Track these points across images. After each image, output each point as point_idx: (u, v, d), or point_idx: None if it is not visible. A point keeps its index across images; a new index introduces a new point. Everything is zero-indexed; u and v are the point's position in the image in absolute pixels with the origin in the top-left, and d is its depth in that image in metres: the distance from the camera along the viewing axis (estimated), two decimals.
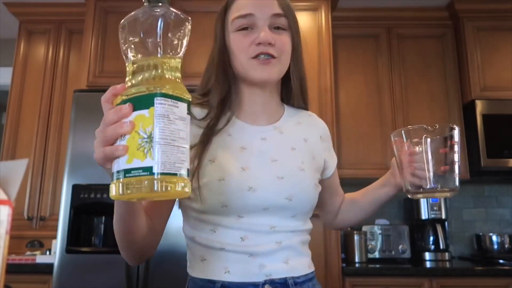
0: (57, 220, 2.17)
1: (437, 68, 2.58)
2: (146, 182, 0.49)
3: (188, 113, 0.54)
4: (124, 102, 0.53)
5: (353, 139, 2.47)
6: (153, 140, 0.50)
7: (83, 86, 2.29)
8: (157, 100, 0.50)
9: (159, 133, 0.50)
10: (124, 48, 0.55)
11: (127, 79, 0.55)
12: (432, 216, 2.44)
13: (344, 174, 2.39)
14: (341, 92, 2.54)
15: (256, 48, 0.80)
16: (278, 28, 0.83)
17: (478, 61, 2.50)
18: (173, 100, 0.51)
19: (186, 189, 0.52)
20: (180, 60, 0.56)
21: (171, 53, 0.54)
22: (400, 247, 2.44)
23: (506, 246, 2.40)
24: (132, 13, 0.54)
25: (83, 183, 1.92)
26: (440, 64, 2.58)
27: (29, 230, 2.36)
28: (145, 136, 0.50)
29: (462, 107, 2.50)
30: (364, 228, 2.47)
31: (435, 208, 2.44)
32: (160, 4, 0.54)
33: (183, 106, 0.53)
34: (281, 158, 0.82)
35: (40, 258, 2.09)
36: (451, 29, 2.63)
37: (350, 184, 2.64)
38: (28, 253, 2.20)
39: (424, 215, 2.46)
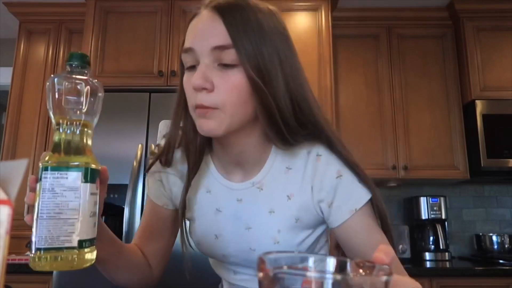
0: None
1: (437, 68, 2.58)
2: (32, 256, 0.52)
3: (85, 181, 0.53)
4: None
5: (353, 139, 2.47)
6: (37, 215, 0.51)
7: None
8: (43, 174, 0.52)
9: (41, 207, 0.51)
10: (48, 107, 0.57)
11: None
12: (432, 216, 2.44)
13: None
14: (341, 92, 2.54)
15: (194, 95, 0.63)
16: (226, 65, 0.62)
17: (478, 61, 2.50)
18: (60, 172, 0.52)
19: (76, 261, 0.53)
20: (90, 123, 0.57)
21: (79, 116, 0.55)
22: (400, 247, 2.44)
23: (506, 246, 2.40)
24: (56, 75, 0.56)
25: None
26: (440, 64, 2.58)
27: (29, 230, 2.34)
28: (35, 210, 0.52)
29: (462, 107, 2.50)
30: None
31: (435, 208, 2.44)
32: (80, 69, 0.56)
33: (75, 175, 0.52)
34: (256, 226, 0.72)
35: None
36: (451, 29, 2.63)
37: None
38: (28, 253, 2.19)
39: (424, 215, 2.46)
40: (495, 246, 2.41)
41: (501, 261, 2.21)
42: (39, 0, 2.60)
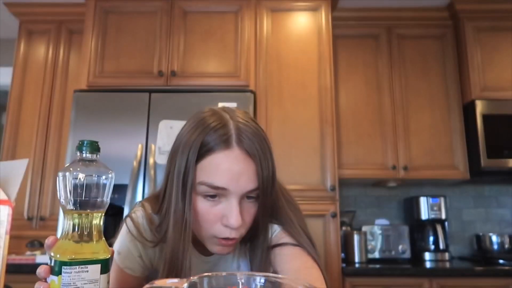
0: (57, 220, 2.17)
1: (437, 68, 2.58)
2: None
3: (102, 272, 0.55)
4: (50, 260, 0.55)
5: (353, 139, 2.47)
6: None
7: (83, 86, 2.29)
8: (64, 269, 0.52)
9: None
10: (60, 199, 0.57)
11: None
12: (432, 216, 2.44)
13: (344, 174, 2.40)
14: (341, 92, 2.54)
15: (222, 230, 0.70)
16: (248, 197, 0.71)
17: (478, 61, 2.50)
18: (81, 266, 0.53)
19: None
20: (103, 213, 0.58)
21: (95, 210, 0.56)
22: (400, 247, 2.44)
23: (506, 246, 2.40)
24: (67, 165, 0.56)
25: None
26: (440, 64, 2.58)
27: (29, 230, 2.36)
28: None
29: (462, 107, 2.50)
30: (364, 228, 2.47)
31: (435, 208, 2.45)
32: (91, 157, 0.57)
33: (95, 268, 0.54)
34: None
35: (40, 258, 2.09)
36: (451, 29, 2.63)
37: (350, 184, 2.66)
38: (28, 253, 2.20)
39: (424, 215, 2.46)
40: (495, 246, 2.42)
41: (501, 261, 2.21)
42: (39, 0, 2.60)
